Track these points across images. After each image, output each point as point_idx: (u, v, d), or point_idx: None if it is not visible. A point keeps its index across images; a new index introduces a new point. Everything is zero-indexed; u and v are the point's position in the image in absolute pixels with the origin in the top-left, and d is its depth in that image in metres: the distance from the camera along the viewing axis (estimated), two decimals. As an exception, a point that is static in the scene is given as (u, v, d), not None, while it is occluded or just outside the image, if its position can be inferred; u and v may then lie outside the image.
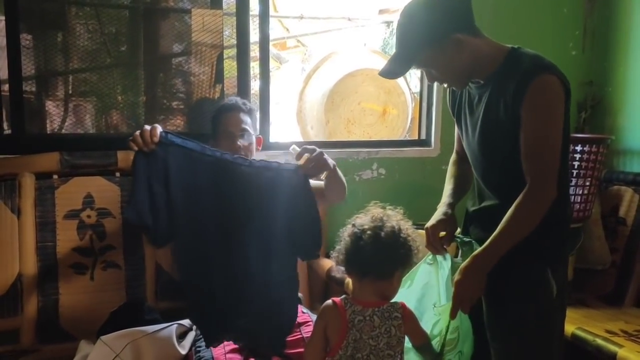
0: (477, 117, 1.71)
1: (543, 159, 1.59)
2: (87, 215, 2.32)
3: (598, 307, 2.67)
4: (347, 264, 1.63)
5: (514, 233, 1.59)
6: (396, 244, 1.59)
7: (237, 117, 2.28)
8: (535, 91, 1.56)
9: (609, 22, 3.14)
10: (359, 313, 1.59)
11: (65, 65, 2.68)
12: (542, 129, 1.58)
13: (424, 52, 1.62)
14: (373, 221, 1.62)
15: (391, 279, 1.61)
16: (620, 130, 3.06)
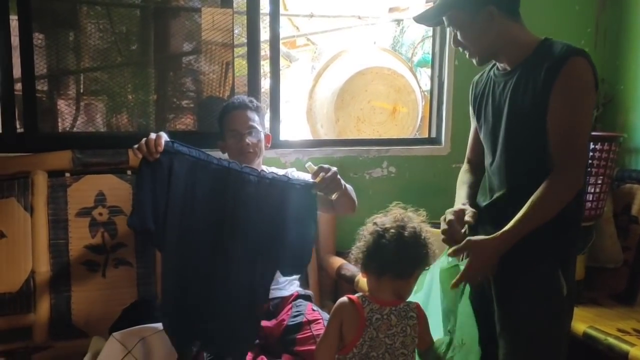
0: (503, 103, 1.70)
1: (575, 145, 1.57)
2: (99, 213, 2.34)
3: (610, 305, 2.65)
4: (366, 262, 1.62)
5: (538, 216, 1.57)
6: (417, 244, 1.60)
7: (243, 115, 2.27)
8: (568, 74, 1.56)
9: (621, 20, 3.11)
10: (377, 311, 1.59)
11: (77, 64, 2.70)
12: (574, 114, 1.57)
13: (456, 10, 1.66)
14: (395, 221, 1.62)
15: (409, 278, 1.61)
16: (633, 128, 3.04)
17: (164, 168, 1.80)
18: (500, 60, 1.73)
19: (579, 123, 1.58)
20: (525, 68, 1.65)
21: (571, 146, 1.57)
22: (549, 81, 1.57)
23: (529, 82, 1.62)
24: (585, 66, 1.58)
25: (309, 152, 2.80)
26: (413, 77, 3.68)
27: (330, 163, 2.72)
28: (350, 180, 2.84)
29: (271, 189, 1.92)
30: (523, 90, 1.64)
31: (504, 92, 1.70)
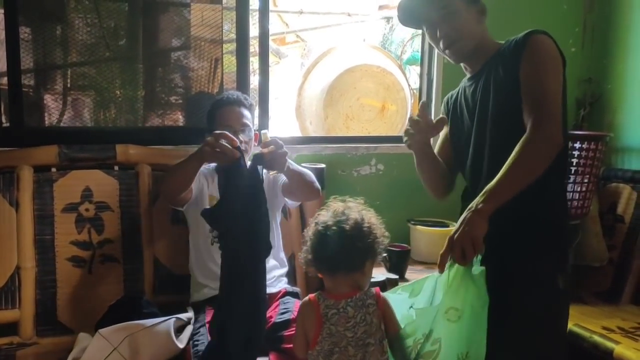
0: (476, 101, 1.74)
1: (546, 102, 1.57)
2: (85, 209, 2.33)
3: (595, 304, 2.68)
4: (316, 263, 1.62)
5: (517, 176, 1.51)
6: (361, 234, 1.58)
7: (237, 111, 2.26)
8: (532, 46, 1.62)
9: (608, 19, 3.14)
10: (332, 306, 1.59)
11: (64, 58, 2.68)
12: (544, 77, 1.59)
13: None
14: (335, 216, 1.61)
15: (363, 269, 1.61)
16: (619, 127, 3.06)
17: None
18: (473, 62, 1.77)
19: (550, 84, 1.59)
20: (491, 64, 1.71)
21: (544, 105, 1.56)
22: (516, 58, 1.63)
23: (497, 72, 1.67)
24: (549, 41, 1.64)
25: (298, 149, 2.80)
26: (402, 74, 3.69)
27: (318, 160, 2.75)
28: (339, 177, 2.85)
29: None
30: (494, 81, 1.68)
31: (476, 91, 1.74)
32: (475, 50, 1.74)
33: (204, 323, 2.04)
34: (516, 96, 1.62)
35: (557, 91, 1.61)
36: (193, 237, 2.30)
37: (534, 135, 1.54)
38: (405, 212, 2.89)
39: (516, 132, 1.60)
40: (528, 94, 1.60)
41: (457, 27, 1.71)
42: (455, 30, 1.71)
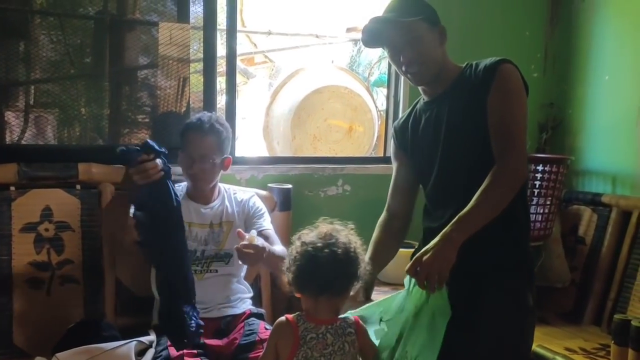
0: (440, 124, 1.76)
1: (515, 136, 1.63)
2: (45, 229, 2.27)
3: (558, 324, 2.71)
4: (302, 284, 1.60)
5: (485, 206, 1.57)
6: (350, 260, 1.58)
7: (197, 138, 2.19)
8: (502, 76, 1.66)
9: (569, 46, 3.22)
10: (312, 330, 1.57)
11: (27, 75, 2.63)
12: (512, 109, 1.65)
13: (420, 21, 1.73)
14: (325, 238, 1.59)
15: (346, 294, 1.61)
16: (580, 151, 3.13)
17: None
18: (433, 85, 1.80)
19: (518, 116, 1.66)
20: (455, 89, 1.75)
21: (512, 138, 1.63)
22: (486, 85, 1.67)
23: (462, 97, 1.71)
24: (516, 71, 1.70)
25: (264, 169, 2.79)
26: (369, 96, 3.72)
27: (285, 180, 2.75)
28: (305, 198, 2.85)
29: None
30: (460, 106, 1.72)
31: (440, 114, 1.77)
32: (437, 73, 1.76)
33: (165, 346, 2.00)
34: (484, 122, 1.66)
35: (524, 124, 1.67)
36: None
37: (503, 169, 1.60)
38: (371, 234, 2.86)
39: (485, 157, 1.64)
40: (497, 124, 1.65)
41: (420, 52, 1.74)
42: (419, 55, 1.74)
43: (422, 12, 1.75)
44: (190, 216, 2.25)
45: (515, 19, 3.23)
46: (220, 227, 2.27)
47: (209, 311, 2.18)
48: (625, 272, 2.64)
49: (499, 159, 1.61)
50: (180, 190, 2.30)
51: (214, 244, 2.25)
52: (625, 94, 2.86)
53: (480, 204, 1.56)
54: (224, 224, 2.28)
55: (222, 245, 2.26)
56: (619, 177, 2.90)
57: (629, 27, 2.86)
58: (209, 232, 2.25)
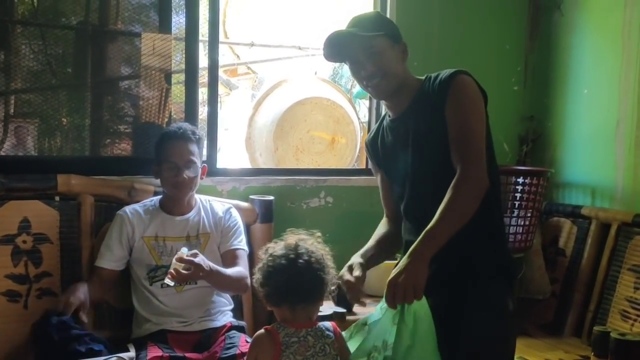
0: (408, 140, 1.77)
1: (472, 145, 1.65)
2: (22, 241, 2.23)
3: (538, 336, 2.72)
4: (281, 296, 1.60)
5: (451, 217, 1.58)
6: (322, 266, 1.61)
7: (183, 146, 2.21)
8: (457, 87, 1.69)
9: (549, 59, 3.26)
10: (293, 335, 1.58)
11: (7, 85, 2.60)
12: (468, 119, 1.67)
13: (382, 36, 1.73)
14: (293, 249, 1.61)
15: (322, 300, 1.64)
16: (560, 163, 3.16)
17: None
18: (396, 101, 1.81)
19: (474, 126, 1.68)
20: (417, 103, 1.76)
21: (470, 147, 1.65)
22: (442, 97, 1.69)
23: (425, 111, 1.73)
24: (471, 81, 1.72)
25: (246, 180, 2.78)
26: (352, 108, 3.74)
27: (267, 192, 2.74)
28: (288, 209, 2.84)
29: None
30: (423, 120, 1.73)
31: (407, 130, 1.78)
32: (398, 88, 1.77)
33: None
34: (445, 136, 1.69)
35: (481, 132, 1.69)
36: (134, 275, 2.25)
37: (465, 179, 1.61)
38: (354, 245, 2.84)
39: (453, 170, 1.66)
40: (454, 136, 1.67)
41: (381, 66, 1.74)
42: (379, 69, 1.74)
43: (384, 28, 1.76)
44: (164, 230, 2.24)
45: (496, 32, 3.26)
46: (197, 239, 2.26)
47: (189, 324, 2.17)
48: (605, 284, 2.67)
49: (460, 169, 1.63)
50: (152, 204, 2.29)
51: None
52: (603, 107, 2.90)
53: (445, 216, 1.57)
54: (201, 236, 2.27)
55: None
56: (598, 190, 2.94)
57: (608, 41, 2.91)
58: (185, 244, 2.22)
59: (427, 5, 3.09)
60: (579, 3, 3.08)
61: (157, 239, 2.22)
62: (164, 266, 2.18)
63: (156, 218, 2.25)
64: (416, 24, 3.05)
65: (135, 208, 2.27)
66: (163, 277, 2.12)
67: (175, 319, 2.16)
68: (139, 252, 2.21)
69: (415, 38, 3.04)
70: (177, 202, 2.26)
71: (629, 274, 2.57)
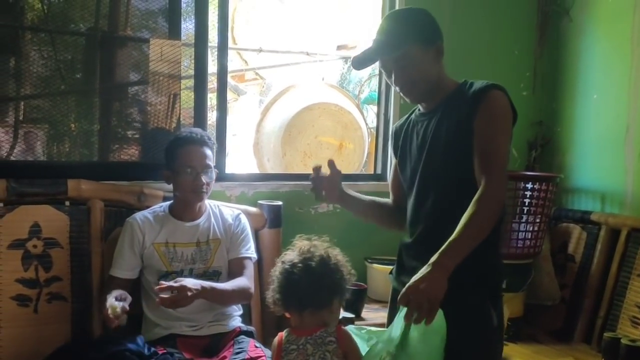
0: (427, 139, 1.75)
1: (498, 161, 1.63)
2: (33, 245, 2.25)
3: (548, 342, 2.71)
4: (284, 301, 1.62)
5: (473, 230, 1.55)
6: (328, 271, 1.61)
7: (201, 151, 2.21)
8: (491, 101, 1.66)
9: (557, 65, 3.26)
10: (293, 342, 1.59)
11: (17, 91, 2.62)
12: (497, 134, 1.65)
13: (412, 45, 1.70)
14: (301, 254, 1.62)
15: (330, 306, 1.62)
16: (569, 168, 3.15)
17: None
18: (430, 100, 1.79)
19: (501, 144, 1.66)
20: (447, 105, 1.74)
21: (494, 162, 1.63)
22: (474, 108, 1.66)
23: (452, 115, 1.70)
24: (505, 98, 1.69)
25: (255, 186, 2.78)
26: (359, 113, 3.73)
27: (276, 197, 2.74)
28: (296, 214, 2.84)
29: None
30: (447, 123, 1.71)
31: (427, 129, 1.77)
32: (432, 90, 1.76)
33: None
34: (467, 145, 1.67)
35: (507, 150, 1.69)
36: (144, 280, 2.25)
37: (487, 196, 1.59)
38: (362, 250, 2.89)
39: (461, 181, 1.66)
40: (481, 149, 1.65)
41: (412, 74, 1.72)
42: (410, 77, 1.72)
43: (412, 34, 1.71)
44: (174, 236, 2.24)
45: (505, 38, 3.26)
46: (207, 244, 2.26)
47: (199, 329, 2.17)
48: (615, 290, 2.65)
49: (484, 184, 1.60)
50: (161, 210, 2.30)
51: (202, 262, 2.24)
52: (613, 112, 2.89)
53: (468, 229, 1.55)
54: (212, 242, 2.27)
55: (210, 263, 2.25)
56: (607, 195, 2.92)
57: (617, 46, 2.90)
58: (195, 250, 2.23)
59: (436, 12, 3.01)
60: (587, 8, 3.08)
61: (168, 245, 2.22)
62: (174, 272, 2.19)
63: (166, 224, 2.25)
64: (424, 30, 3.05)
65: (145, 215, 2.27)
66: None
67: (184, 323, 2.16)
68: (149, 258, 2.21)
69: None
70: (189, 207, 2.26)
71: (639, 280, 2.55)
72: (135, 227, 2.22)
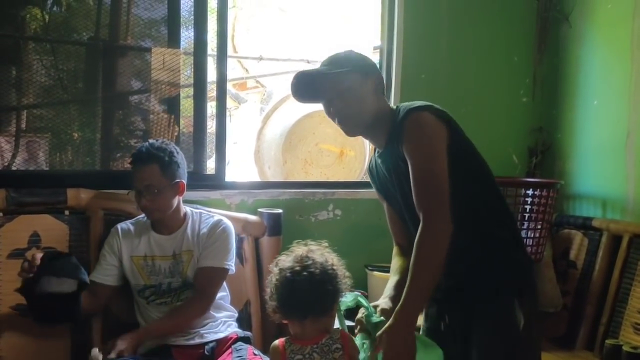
0: (392, 180, 1.76)
1: (429, 191, 1.59)
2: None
3: (550, 349, 2.69)
4: (284, 310, 1.59)
5: (423, 276, 1.54)
6: (329, 277, 1.59)
7: (140, 170, 2.13)
8: (409, 129, 1.62)
9: (557, 71, 3.26)
10: (298, 352, 1.56)
11: (19, 100, 2.63)
12: (423, 162, 1.61)
13: (350, 72, 1.68)
14: (300, 261, 1.60)
15: (332, 312, 1.61)
16: (570, 175, 3.15)
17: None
18: (373, 136, 1.79)
19: (428, 170, 1.60)
20: (391, 140, 1.71)
21: (427, 192, 1.59)
22: (400, 139, 1.64)
23: (395, 150, 1.68)
24: (426, 116, 1.64)
25: (255, 194, 2.78)
26: (361, 121, 3.73)
27: (276, 205, 2.74)
28: (296, 222, 2.84)
29: None
30: (395, 159, 1.69)
31: (388, 169, 1.76)
32: (371, 124, 1.73)
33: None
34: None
35: (439, 170, 1.60)
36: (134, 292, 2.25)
37: (424, 234, 1.56)
38: (362, 258, 2.88)
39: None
40: (413, 181, 1.62)
41: (350, 104, 1.69)
42: (348, 107, 1.69)
43: (350, 64, 1.70)
44: (151, 249, 2.21)
45: (504, 44, 3.26)
46: (180, 256, 2.21)
47: (192, 338, 2.15)
48: (617, 297, 2.64)
49: (421, 221, 1.57)
50: (144, 220, 2.27)
51: (178, 274, 2.20)
52: (613, 118, 2.89)
53: (416, 276, 1.53)
54: (184, 254, 2.21)
55: (185, 275, 2.20)
56: (609, 201, 2.92)
57: (616, 52, 2.90)
58: (172, 263, 2.20)
59: (434, 19, 3.10)
60: (587, 15, 3.08)
61: (146, 258, 2.20)
62: (152, 286, 2.18)
63: (145, 237, 2.22)
64: (424, 38, 3.06)
65: (127, 225, 2.26)
66: (153, 297, 2.17)
67: (177, 333, 2.15)
68: (128, 271, 2.20)
69: (423, 51, 3.06)
70: (161, 222, 2.23)
71: (641, 287, 2.54)
72: (116, 236, 2.21)
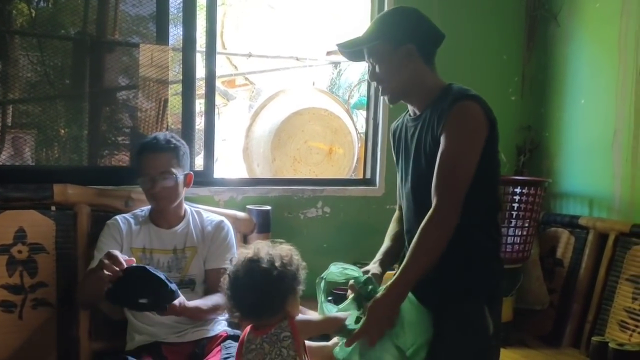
0: (410, 146, 1.77)
1: (452, 179, 1.61)
2: (17, 251, 2.22)
3: (537, 347, 2.71)
4: (242, 315, 1.62)
5: (422, 260, 1.59)
6: (275, 280, 1.57)
7: (156, 157, 2.15)
8: (455, 114, 1.63)
9: (546, 70, 3.27)
10: (252, 341, 1.58)
11: (4, 95, 2.60)
12: (457, 150, 1.62)
13: (377, 42, 1.73)
14: (242, 266, 1.60)
15: (286, 307, 1.60)
16: (557, 173, 3.17)
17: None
18: (411, 103, 1.81)
19: (462, 157, 1.62)
20: (429, 112, 1.73)
21: (448, 181, 1.61)
22: (441, 121, 1.65)
23: (431, 125, 1.70)
24: (475, 108, 1.65)
25: (244, 190, 2.77)
26: (349, 118, 3.74)
27: (265, 202, 2.74)
28: (285, 219, 2.83)
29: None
30: (426, 132, 1.71)
31: (413, 137, 1.77)
32: (409, 93, 1.77)
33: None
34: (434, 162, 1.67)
35: (468, 165, 1.62)
36: None
37: (433, 221, 1.60)
38: (351, 255, 2.87)
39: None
40: (438, 166, 1.63)
41: (384, 73, 1.76)
42: (383, 75, 1.76)
43: (380, 32, 1.74)
44: (151, 242, 2.20)
45: (493, 43, 3.28)
46: (183, 252, 2.21)
47: (183, 335, 2.14)
48: (603, 294, 2.66)
49: (433, 206, 1.60)
50: (142, 215, 2.27)
51: (177, 270, 2.19)
52: (601, 117, 2.91)
53: (414, 256, 1.59)
54: (187, 250, 2.21)
55: (185, 272, 2.20)
56: (596, 200, 2.93)
57: (604, 51, 2.92)
58: (172, 258, 2.19)
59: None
60: (575, 13, 3.10)
61: (145, 251, 2.19)
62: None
63: (145, 230, 2.21)
64: (413, 35, 3.05)
65: (126, 217, 2.25)
66: None
67: (168, 330, 2.14)
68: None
69: (412, 48, 3.06)
70: (163, 214, 2.22)
71: (627, 284, 2.56)
72: (116, 227, 2.18)
